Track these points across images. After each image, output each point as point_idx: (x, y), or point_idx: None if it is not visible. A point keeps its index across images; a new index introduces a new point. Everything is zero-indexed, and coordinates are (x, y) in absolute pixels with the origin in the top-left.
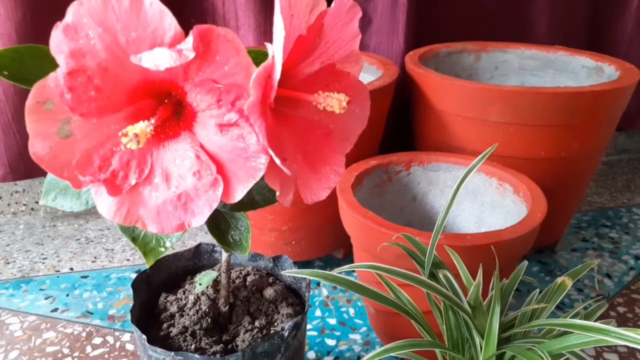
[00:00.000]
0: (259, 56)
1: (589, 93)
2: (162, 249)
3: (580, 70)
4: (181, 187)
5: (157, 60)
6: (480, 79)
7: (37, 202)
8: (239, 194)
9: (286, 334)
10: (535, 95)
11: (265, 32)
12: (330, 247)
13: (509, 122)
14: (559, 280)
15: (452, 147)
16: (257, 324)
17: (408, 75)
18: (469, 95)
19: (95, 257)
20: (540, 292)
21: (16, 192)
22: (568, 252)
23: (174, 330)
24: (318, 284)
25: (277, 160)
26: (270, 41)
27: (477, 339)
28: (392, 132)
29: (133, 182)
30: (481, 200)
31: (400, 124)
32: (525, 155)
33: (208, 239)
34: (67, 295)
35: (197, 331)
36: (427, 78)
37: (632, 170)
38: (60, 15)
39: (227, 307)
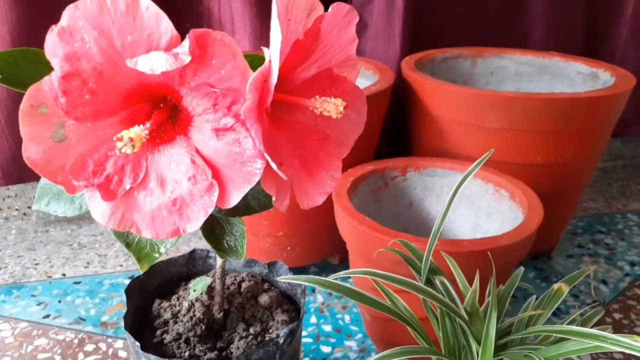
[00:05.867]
0: (255, 60)
1: (585, 99)
2: (157, 255)
3: (575, 77)
4: (176, 192)
5: (153, 64)
6: (476, 85)
7: (29, 207)
8: (234, 199)
9: (281, 341)
10: (531, 101)
11: (261, 36)
12: (326, 253)
13: (505, 128)
14: (556, 286)
15: (449, 153)
16: (251, 330)
17: (404, 81)
18: (465, 100)
19: (88, 263)
20: (536, 299)
21: (8, 196)
22: (564, 258)
23: (168, 337)
24: (313, 290)
25: (274, 165)
26: (267, 45)
27: (474, 346)
28: (388, 137)
29: (127, 186)
30: (477, 206)
31: (396, 129)
32: (521, 161)
33: (202, 244)
34: (59, 301)
35: (191, 338)
36: (424, 83)
37: (627, 176)
38: (55, 19)
39: (221, 314)
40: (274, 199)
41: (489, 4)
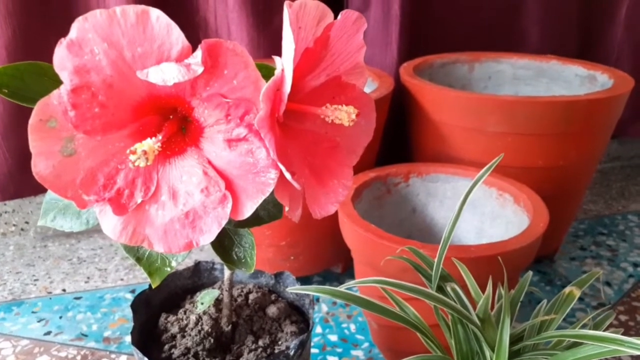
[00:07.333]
0: (263, 69)
1: (585, 101)
2: (168, 269)
3: (573, 79)
4: (189, 205)
5: (165, 75)
6: (475, 89)
7: (27, 222)
8: (248, 210)
9: (292, 353)
10: (531, 104)
11: (259, 46)
12: (329, 262)
13: (506, 132)
14: (567, 290)
15: (450, 158)
16: (260, 343)
17: (403, 87)
18: (465, 105)
19: (88, 278)
20: (547, 303)
21: (5, 212)
22: (567, 261)
23: (176, 352)
24: (318, 299)
25: (287, 175)
26: (264, 55)
27: (488, 352)
28: (389, 143)
29: (139, 200)
30: (481, 211)
31: (397, 136)
32: (523, 165)
33: (203, 256)
34: (60, 317)
35: (200, 352)
36: (423, 89)
37: (626, 177)
38: (51, 32)
39: (229, 327)
40: (287, 209)
41: (485, 9)
